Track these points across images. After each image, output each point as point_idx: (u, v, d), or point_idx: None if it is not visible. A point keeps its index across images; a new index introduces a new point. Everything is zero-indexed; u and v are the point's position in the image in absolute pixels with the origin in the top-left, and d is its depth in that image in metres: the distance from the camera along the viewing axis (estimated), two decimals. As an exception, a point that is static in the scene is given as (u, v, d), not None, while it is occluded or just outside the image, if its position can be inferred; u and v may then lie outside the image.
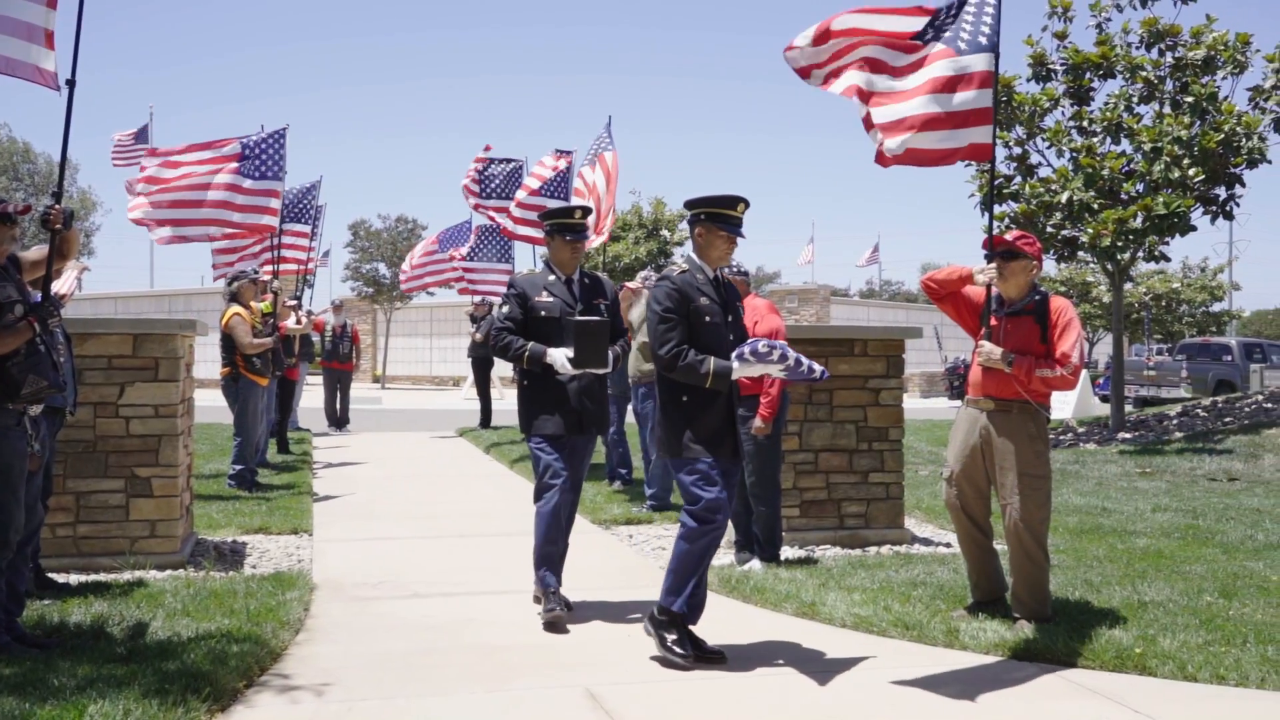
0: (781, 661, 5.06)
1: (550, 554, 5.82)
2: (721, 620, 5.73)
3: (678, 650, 4.99)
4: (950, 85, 5.36)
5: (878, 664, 4.99)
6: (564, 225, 6.05)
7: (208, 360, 22.25)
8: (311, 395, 19.56)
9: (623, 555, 7.64)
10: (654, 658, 5.04)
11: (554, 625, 5.60)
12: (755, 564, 6.89)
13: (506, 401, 22.58)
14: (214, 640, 4.96)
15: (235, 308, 10.15)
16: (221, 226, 10.41)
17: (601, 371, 5.81)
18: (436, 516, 9.20)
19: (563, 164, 12.36)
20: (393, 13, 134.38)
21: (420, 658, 5.11)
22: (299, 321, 13.01)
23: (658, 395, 5.25)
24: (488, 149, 13.71)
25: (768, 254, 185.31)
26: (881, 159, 5.43)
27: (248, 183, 10.30)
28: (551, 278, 6.02)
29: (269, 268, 11.78)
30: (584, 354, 5.67)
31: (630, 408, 9.67)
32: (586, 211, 6.20)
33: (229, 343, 10.06)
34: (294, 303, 13.22)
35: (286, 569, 6.84)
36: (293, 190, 13.67)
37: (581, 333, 5.66)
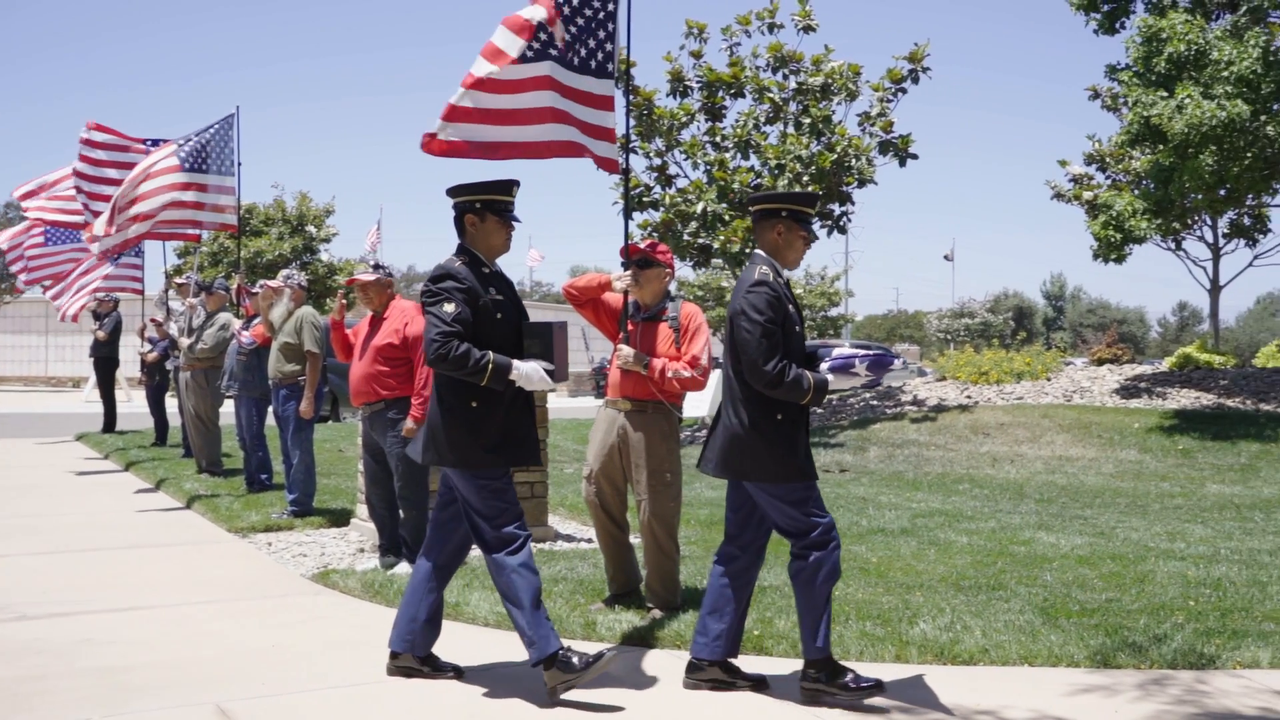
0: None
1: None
2: (365, 625, 5.68)
3: (865, 682, 4.56)
4: (574, 96, 5.72)
5: (518, 661, 5.10)
6: (499, 204, 4.82)
7: None
8: (-101, 398, 17.48)
9: (261, 563, 7.35)
10: (849, 707, 4.53)
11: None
12: (403, 567, 6.84)
13: (133, 404, 21.08)
14: None
15: None
16: None
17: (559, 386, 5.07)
18: (47, 530, 8.47)
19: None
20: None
21: (28, 684, 4.70)
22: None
23: (746, 416, 4.57)
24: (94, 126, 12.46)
25: (421, 252, 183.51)
26: (452, 148, 5.53)
27: None
28: (486, 271, 4.82)
29: None
30: (559, 366, 4.76)
31: (271, 410, 9.32)
32: (519, 186, 4.93)
33: None
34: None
35: None
36: None
37: (560, 341, 4.79)
